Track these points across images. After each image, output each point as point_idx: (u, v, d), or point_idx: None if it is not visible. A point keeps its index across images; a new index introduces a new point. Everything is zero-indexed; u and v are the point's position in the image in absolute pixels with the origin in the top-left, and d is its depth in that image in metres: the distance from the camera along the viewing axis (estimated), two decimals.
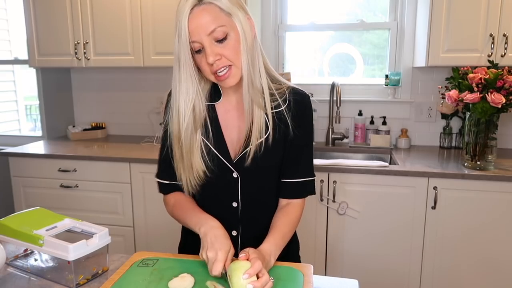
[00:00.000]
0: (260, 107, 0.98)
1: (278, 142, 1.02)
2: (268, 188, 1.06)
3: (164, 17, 2.27)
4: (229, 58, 0.93)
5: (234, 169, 1.02)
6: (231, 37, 0.92)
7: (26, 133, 3.32)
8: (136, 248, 2.28)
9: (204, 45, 0.91)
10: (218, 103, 1.05)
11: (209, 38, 0.91)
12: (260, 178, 1.04)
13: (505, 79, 1.72)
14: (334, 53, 2.63)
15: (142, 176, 2.18)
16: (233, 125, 1.04)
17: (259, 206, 1.06)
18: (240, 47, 0.93)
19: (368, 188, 1.94)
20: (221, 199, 1.05)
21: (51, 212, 1.06)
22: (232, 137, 1.04)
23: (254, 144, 0.98)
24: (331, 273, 2.05)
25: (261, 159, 1.00)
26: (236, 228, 1.06)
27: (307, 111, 1.05)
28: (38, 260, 0.99)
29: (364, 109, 2.50)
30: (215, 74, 0.94)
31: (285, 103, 1.02)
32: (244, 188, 1.03)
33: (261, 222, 1.07)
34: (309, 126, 1.06)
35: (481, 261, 1.89)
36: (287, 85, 1.05)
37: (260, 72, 0.98)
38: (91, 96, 2.90)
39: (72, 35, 2.42)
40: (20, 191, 2.39)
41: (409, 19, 2.37)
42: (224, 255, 0.87)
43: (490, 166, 1.88)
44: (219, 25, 0.90)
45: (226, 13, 0.91)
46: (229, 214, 1.05)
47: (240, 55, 0.93)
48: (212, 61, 0.91)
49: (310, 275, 0.90)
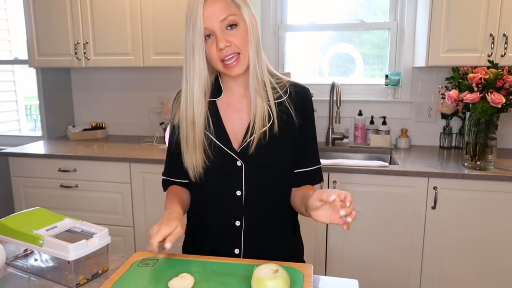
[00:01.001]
0: (263, 98, 1.03)
1: (281, 131, 1.04)
2: (272, 179, 1.07)
3: (164, 17, 2.27)
4: (238, 45, 0.98)
5: (238, 158, 1.03)
6: (240, 26, 0.98)
7: (26, 133, 3.32)
8: (136, 248, 2.28)
9: (216, 32, 0.96)
10: (220, 98, 1.08)
11: (221, 25, 0.96)
12: (264, 167, 1.05)
13: (505, 79, 1.72)
14: (334, 53, 2.63)
15: (142, 176, 2.19)
16: (235, 116, 1.07)
17: (263, 196, 1.07)
18: (248, 37, 0.99)
19: (368, 188, 1.94)
20: (225, 188, 1.06)
21: (51, 212, 1.06)
22: (235, 128, 1.06)
23: (257, 132, 1.02)
24: (331, 273, 2.05)
25: (265, 147, 1.02)
26: (240, 218, 1.06)
27: (309, 103, 1.11)
28: (38, 260, 0.99)
29: (364, 109, 2.50)
30: (222, 62, 0.99)
31: (286, 94, 1.07)
32: (248, 177, 1.04)
33: (265, 212, 1.08)
34: (312, 116, 1.12)
35: (481, 261, 1.89)
36: (287, 79, 1.10)
37: (262, 66, 1.03)
38: (91, 96, 2.90)
39: (72, 35, 2.42)
40: (20, 191, 2.39)
41: (409, 19, 2.37)
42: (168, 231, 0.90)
43: (490, 166, 1.88)
44: (230, 14, 0.97)
45: (237, 4, 0.99)
46: (233, 203, 1.06)
47: (247, 44, 0.99)
48: (223, 46, 0.96)
49: (310, 275, 0.90)
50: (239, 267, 0.93)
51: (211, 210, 1.09)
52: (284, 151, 1.06)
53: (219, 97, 1.08)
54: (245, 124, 1.05)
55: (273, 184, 1.07)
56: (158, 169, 2.12)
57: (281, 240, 1.13)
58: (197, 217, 1.14)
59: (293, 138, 1.07)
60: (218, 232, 1.09)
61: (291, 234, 1.17)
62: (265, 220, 1.08)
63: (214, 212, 1.08)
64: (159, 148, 2.39)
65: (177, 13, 2.23)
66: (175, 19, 2.24)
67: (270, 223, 1.09)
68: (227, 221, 1.07)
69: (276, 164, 1.06)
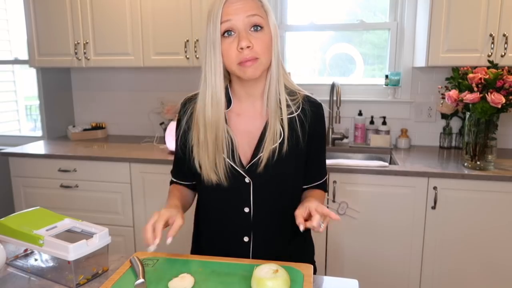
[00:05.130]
0: (277, 114, 0.98)
1: (291, 148, 1.01)
2: (280, 195, 1.05)
3: (164, 17, 2.27)
4: (259, 50, 0.91)
5: (246, 175, 1.01)
6: (265, 31, 0.92)
7: (26, 133, 3.31)
8: (136, 248, 2.28)
9: (239, 28, 0.90)
10: (229, 110, 1.03)
11: (247, 22, 0.90)
12: (273, 184, 1.02)
13: (505, 79, 1.72)
14: (334, 53, 2.63)
15: (142, 176, 2.19)
16: (244, 130, 1.03)
17: (271, 212, 1.05)
18: (271, 45, 0.94)
19: (368, 188, 1.94)
20: (233, 204, 1.04)
21: (51, 212, 1.06)
22: (243, 142, 1.02)
23: (268, 150, 0.98)
24: (331, 273, 2.05)
25: (274, 165, 0.99)
26: (248, 234, 1.05)
27: (322, 120, 1.08)
28: (38, 260, 0.99)
29: (364, 109, 2.50)
30: (239, 64, 0.92)
31: (298, 109, 1.02)
32: (256, 194, 1.02)
33: (273, 228, 1.06)
34: (323, 132, 1.10)
35: (481, 261, 1.89)
36: (301, 94, 1.05)
37: (279, 79, 0.99)
38: (91, 96, 2.90)
39: (72, 35, 2.43)
40: (20, 191, 2.39)
41: (409, 19, 2.37)
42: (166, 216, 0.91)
43: (490, 166, 1.88)
44: (258, 14, 0.91)
45: (266, 8, 0.94)
46: (241, 219, 1.04)
47: (270, 52, 0.94)
48: (245, 45, 0.89)
49: (310, 275, 0.90)
50: (239, 267, 0.93)
51: (219, 226, 1.08)
52: (292, 167, 1.03)
53: (229, 108, 1.03)
54: (254, 138, 1.01)
55: (281, 200, 1.05)
56: (158, 169, 2.13)
57: (291, 251, 1.10)
58: (205, 229, 1.13)
59: (300, 153, 1.04)
60: (225, 247, 1.07)
61: (302, 242, 1.15)
62: (274, 234, 1.05)
63: (222, 227, 1.07)
64: (159, 148, 2.39)
65: (177, 13, 2.23)
66: (175, 19, 2.24)
67: (279, 237, 1.06)
68: (235, 237, 1.05)
69: (285, 181, 1.04)
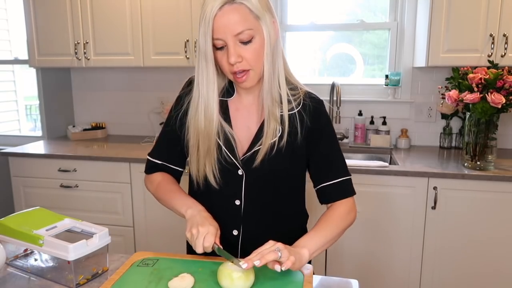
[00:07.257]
0: (276, 111, 0.99)
1: (288, 145, 1.01)
2: (274, 192, 1.04)
3: (164, 17, 2.27)
4: (249, 62, 0.93)
5: (241, 167, 1.01)
6: (255, 40, 0.92)
7: (26, 133, 3.32)
8: (136, 248, 2.28)
9: (228, 44, 0.91)
10: (231, 99, 1.05)
11: (235, 39, 0.91)
12: (267, 179, 1.02)
13: (505, 79, 1.72)
14: (334, 53, 2.63)
15: (142, 176, 2.17)
16: (242, 124, 1.04)
17: (263, 208, 1.05)
18: (262, 51, 0.94)
19: (368, 188, 1.94)
20: (224, 195, 1.04)
21: (51, 212, 1.06)
22: (240, 135, 1.03)
23: (266, 144, 0.98)
24: (331, 273, 2.05)
25: (269, 160, 0.99)
26: (237, 227, 1.05)
27: (322, 117, 1.04)
28: (38, 260, 0.99)
29: (364, 109, 2.50)
30: (234, 74, 0.95)
31: (299, 106, 1.02)
32: (248, 187, 1.03)
33: (264, 224, 1.06)
34: (329, 129, 1.06)
35: (481, 261, 1.89)
36: (303, 89, 1.05)
37: (279, 77, 0.98)
38: (91, 96, 2.90)
39: (72, 35, 2.43)
40: (20, 191, 2.39)
41: (409, 19, 2.37)
42: (215, 231, 0.91)
43: (490, 166, 1.88)
44: (247, 28, 0.90)
45: (255, 15, 0.91)
46: (231, 211, 1.04)
47: (261, 59, 0.94)
48: (234, 62, 0.91)
49: (310, 275, 0.90)
50: None
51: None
52: (288, 163, 1.02)
53: (231, 97, 1.05)
54: (251, 132, 1.02)
55: (275, 197, 1.05)
56: None
57: None
58: None
59: (297, 150, 1.02)
60: None
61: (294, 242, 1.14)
62: (264, 232, 1.02)
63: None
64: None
65: (177, 13, 2.23)
66: (175, 19, 2.24)
67: (268, 235, 1.00)
68: (225, 229, 1.03)
69: (280, 178, 1.03)
